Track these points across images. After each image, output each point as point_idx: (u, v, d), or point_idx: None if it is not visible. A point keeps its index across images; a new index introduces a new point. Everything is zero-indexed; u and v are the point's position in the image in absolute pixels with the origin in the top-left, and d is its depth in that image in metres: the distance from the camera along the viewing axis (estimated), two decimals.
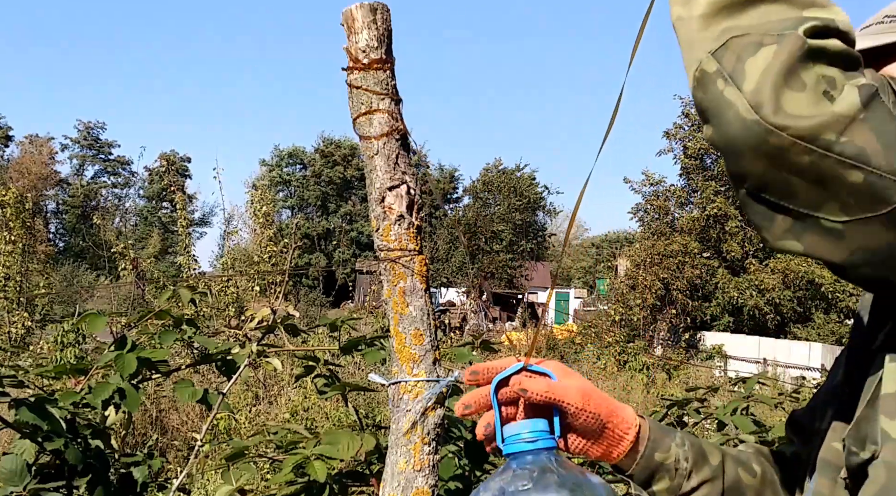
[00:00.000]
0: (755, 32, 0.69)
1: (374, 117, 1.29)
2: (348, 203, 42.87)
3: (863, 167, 0.66)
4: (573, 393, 0.94)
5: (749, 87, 0.67)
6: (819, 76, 0.67)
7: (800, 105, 0.66)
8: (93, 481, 1.74)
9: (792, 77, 0.67)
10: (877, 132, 0.66)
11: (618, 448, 0.99)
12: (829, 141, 0.65)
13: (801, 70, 0.67)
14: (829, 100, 0.66)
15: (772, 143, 0.67)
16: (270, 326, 2.02)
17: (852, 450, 0.81)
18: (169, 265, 26.16)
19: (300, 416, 6.55)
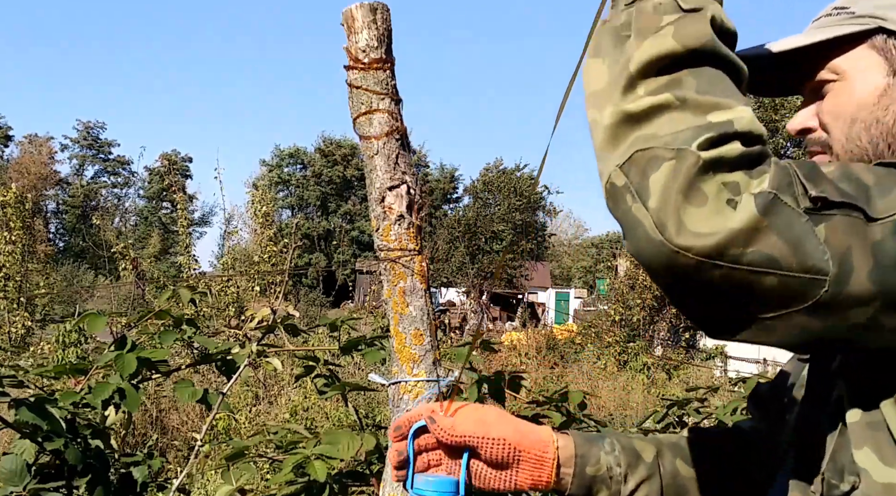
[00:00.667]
0: (657, 145, 0.69)
1: (374, 117, 1.29)
2: (348, 203, 42.86)
3: (775, 272, 0.66)
4: (470, 425, 0.94)
5: (653, 204, 0.67)
6: (720, 185, 0.67)
7: (702, 221, 0.66)
8: (93, 481, 1.74)
9: (692, 192, 0.67)
10: (782, 236, 0.66)
11: (543, 471, 0.98)
12: (735, 254, 0.66)
13: (701, 183, 0.67)
14: (733, 208, 0.66)
15: (680, 264, 0.67)
16: (270, 326, 2.02)
17: (832, 483, 0.81)
18: (169, 265, 26.17)
19: (300, 416, 6.55)
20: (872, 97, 0.87)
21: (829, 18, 0.92)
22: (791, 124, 0.96)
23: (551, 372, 11.36)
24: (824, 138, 0.92)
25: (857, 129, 0.88)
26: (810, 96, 0.94)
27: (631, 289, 18.55)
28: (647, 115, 0.70)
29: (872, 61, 0.88)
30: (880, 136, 0.87)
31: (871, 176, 0.71)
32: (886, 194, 0.69)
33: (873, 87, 0.87)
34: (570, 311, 30.24)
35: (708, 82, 0.71)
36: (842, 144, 0.90)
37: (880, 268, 0.67)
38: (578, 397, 2.12)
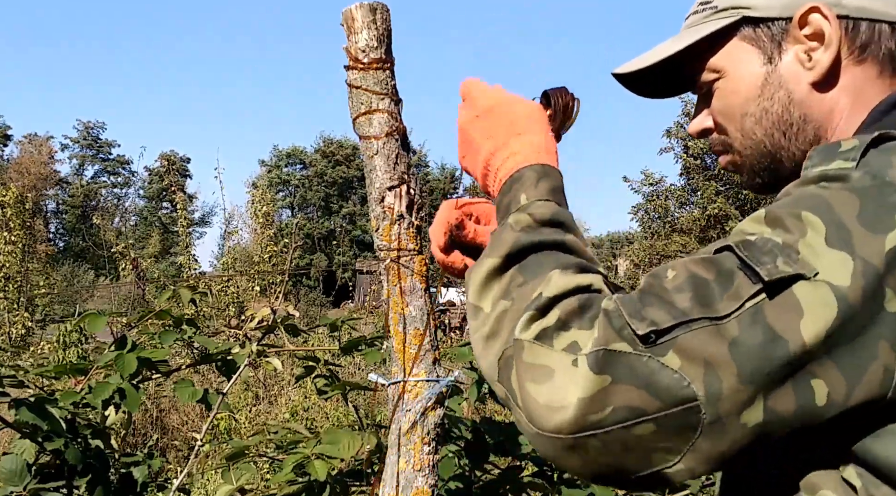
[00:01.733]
0: (506, 347, 0.72)
1: (374, 117, 1.29)
2: (349, 203, 42.88)
3: (645, 420, 0.64)
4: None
5: (519, 401, 0.69)
6: (560, 352, 0.67)
7: (553, 395, 0.66)
8: (93, 481, 1.74)
9: (534, 372, 0.68)
10: (631, 384, 0.65)
11: None
12: (598, 419, 0.64)
13: (537, 360, 0.68)
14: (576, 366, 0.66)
15: (563, 445, 0.66)
16: (270, 326, 2.02)
17: None
18: (169, 265, 26.16)
19: (300, 416, 6.55)
20: (755, 89, 0.86)
21: (696, 16, 0.91)
22: (690, 128, 0.95)
23: None
24: (723, 138, 0.91)
25: (749, 124, 0.87)
26: (702, 97, 0.94)
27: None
28: (496, 325, 0.75)
29: (747, 53, 0.87)
30: (773, 126, 0.86)
31: (711, 268, 0.67)
32: (729, 285, 0.66)
33: (754, 79, 0.86)
34: None
35: (529, 271, 0.75)
36: (739, 141, 0.89)
37: (745, 367, 0.63)
38: None
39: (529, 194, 0.83)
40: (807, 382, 0.64)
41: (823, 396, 0.64)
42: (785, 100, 0.85)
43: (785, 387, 0.64)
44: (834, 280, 0.64)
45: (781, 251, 0.66)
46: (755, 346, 0.64)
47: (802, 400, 0.64)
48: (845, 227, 0.65)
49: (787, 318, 0.64)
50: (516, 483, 1.91)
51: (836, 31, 0.82)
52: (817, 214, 0.66)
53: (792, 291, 0.64)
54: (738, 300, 0.65)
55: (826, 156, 0.73)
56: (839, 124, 0.84)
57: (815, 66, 0.83)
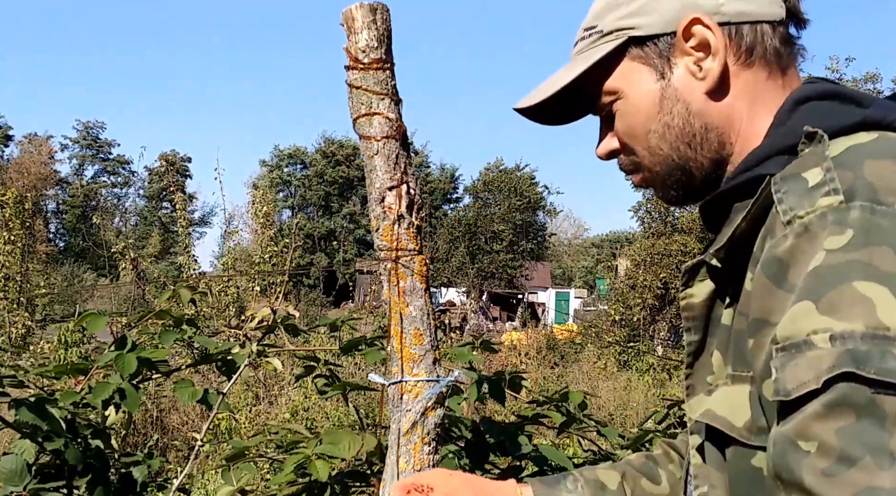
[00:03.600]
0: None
1: (374, 117, 1.29)
2: (349, 203, 42.87)
3: None
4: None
5: None
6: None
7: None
8: (93, 481, 1.74)
9: None
10: None
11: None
12: None
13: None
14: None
15: None
16: (270, 326, 2.02)
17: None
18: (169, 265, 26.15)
19: (300, 416, 6.55)
20: (654, 106, 0.87)
21: (584, 42, 0.91)
22: (597, 151, 0.96)
23: (551, 372, 11.36)
24: (632, 158, 0.92)
25: (654, 140, 0.88)
26: (604, 120, 0.94)
27: (631, 289, 18.54)
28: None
29: (639, 72, 0.87)
30: (677, 139, 0.87)
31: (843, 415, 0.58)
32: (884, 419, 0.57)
33: (650, 96, 0.87)
34: (570, 311, 30.24)
35: None
36: (648, 159, 0.90)
37: None
38: (579, 397, 2.12)
39: None
40: None
41: None
42: (683, 112, 0.86)
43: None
44: None
45: (880, 341, 0.58)
46: None
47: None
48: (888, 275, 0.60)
49: None
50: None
51: (721, 39, 0.83)
52: (871, 280, 0.61)
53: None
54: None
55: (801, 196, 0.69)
56: (741, 128, 0.85)
57: (706, 75, 0.84)
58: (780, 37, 0.85)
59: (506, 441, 1.91)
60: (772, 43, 0.84)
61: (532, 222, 30.92)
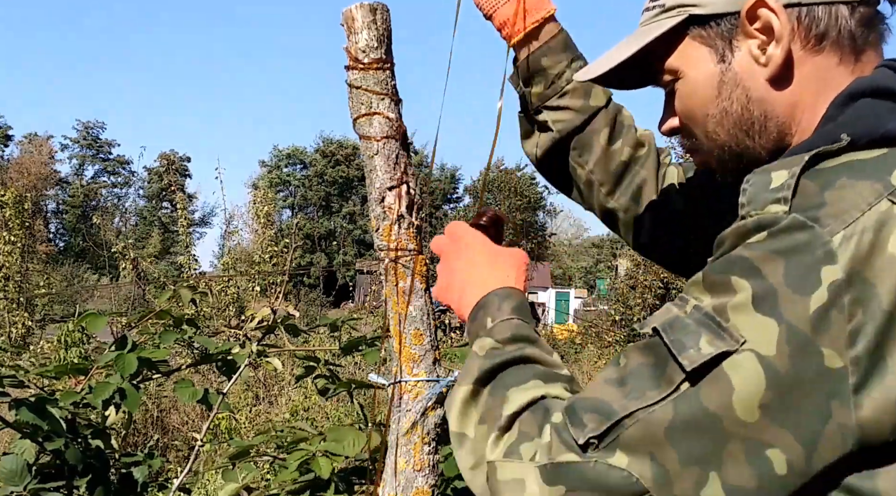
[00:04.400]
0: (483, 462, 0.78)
1: (374, 117, 1.29)
2: (349, 203, 42.87)
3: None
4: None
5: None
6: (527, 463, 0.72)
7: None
8: (93, 481, 1.74)
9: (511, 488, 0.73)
10: (584, 490, 0.68)
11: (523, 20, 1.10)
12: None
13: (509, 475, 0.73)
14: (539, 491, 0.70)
15: None
16: (270, 326, 2.02)
17: None
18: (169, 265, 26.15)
19: (300, 416, 6.55)
20: (712, 90, 0.83)
21: (647, 14, 0.88)
22: (660, 129, 0.94)
23: None
24: (693, 141, 0.89)
25: (711, 126, 0.85)
26: (668, 96, 0.91)
27: (632, 289, 18.56)
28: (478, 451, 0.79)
29: (699, 53, 0.83)
30: (735, 127, 0.83)
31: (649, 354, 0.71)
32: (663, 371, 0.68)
33: (709, 80, 0.83)
34: (571, 311, 30.24)
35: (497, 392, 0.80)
36: (705, 143, 0.87)
37: (684, 449, 0.66)
38: None
39: (494, 316, 0.88)
40: (761, 454, 0.65)
41: (783, 464, 0.64)
42: (743, 99, 0.82)
43: (736, 462, 0.65)
44: (761, 349, 0.64)
45: (710, 323, 0.67)
46: (691, 429, 0.65)
47: (760, 471, 0.65)
48: (772, 290, 0.65)
49: (718, 397, 0.65)
50: None
51: (787, 23, 0.78)
52: (746, 278, 0.67)
53: (722, 369, 0.65)
54: (671, 385, 0.67)
55: (759, 194, 0.71)
56: (802, 119, 0.81)
57: (768, 61, 0.80)
58: (859, 18, 0.79)
59: None
60: (847, 26, 0.78)
61: (532, 222, 30.92)
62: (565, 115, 1.15)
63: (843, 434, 0.64)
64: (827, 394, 0.63)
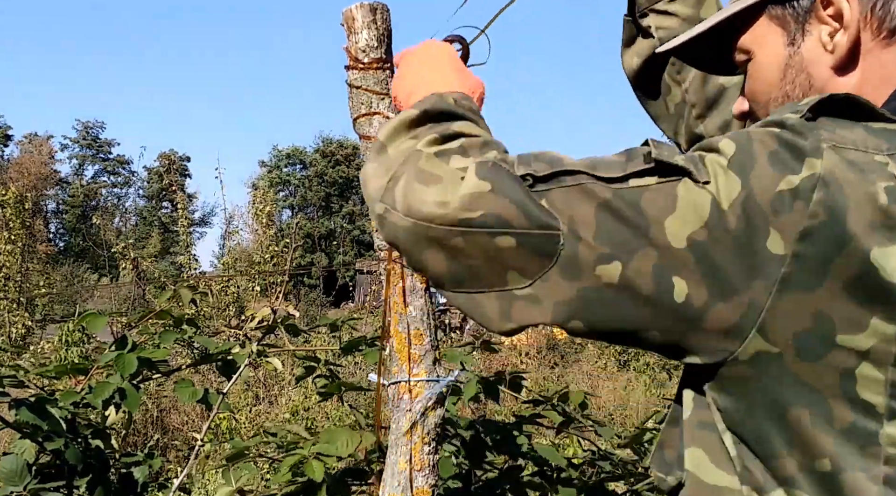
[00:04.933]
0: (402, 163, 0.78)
1: (374, 117, 1.29)
2: (349, 203, 42.88)
3: (508, 231, 0.68)
4: None
5: (399, 204, 0.75)
6: (451, 169, 0.73)
7: (438, 195, 0.71)
8: (93, 481, 1.74)
9: (426, 177, 0.73)
10: (506, 197, 0.69)
11: None
12: (468, 218, 0.69)
13: (431, 169, 0.74)
14: (462, 179, 0.71)
15: (429, 235, 0.72)
16: (270, 326, 2.02)
17: (659, 476, 0.82)
18: (169, 265, 26.14)
19: (301, 416, 6.55)
20: (778, 72, 0.82)
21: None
22: (733, 111, 0.92)
23: (552, 372, 11.35)
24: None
25: (773, 109, 0.83)
26: (745, 77, 0.90)
27: None
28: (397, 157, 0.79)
29: (772, 33, 0.82)
30: None
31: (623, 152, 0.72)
32: (625, 162, 0.70)
33: (777, 62, 0.82)
34: None
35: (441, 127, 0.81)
36: None
37: (603, 229, 0.67)
38: (579, 397, 2.12)
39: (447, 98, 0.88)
40: (668, 275, 0.66)
41: (682, 295, 0.66)
42: (805, 85, 0.80)
43: (644, 266, 0.67)
44: (718, 196, 0.66)
45: (688, 157, 0.69)
46: (619, 217, 0.67)
47: (660, 287, 0.67)
48: (752, 158, 0.66)
49: (658, 206, 0.67)
50: (516, 483, 1.91)
51: (857, 13, 0.77)
52: (734, 141, 0.68)
53: (675, 186, 0.67)
54: (623, 171, 0.68)
55: (785, 108, 0.73)
56: None
57: (835, 48, 0.78)
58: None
59: (504, 440, 1.91)
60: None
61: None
62: (672, 22, 1.10)
63: (750, 312, 0.65)
64: (753, 268, 0.65)
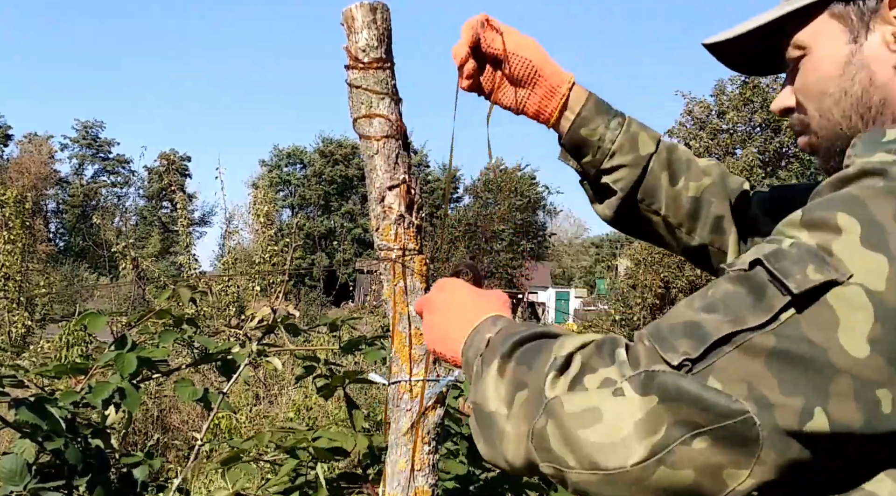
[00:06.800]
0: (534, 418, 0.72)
1: (374, 117, 1.29)
2: (349, 202, 42.85)
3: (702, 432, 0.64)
4: (509, 41, 1.09)
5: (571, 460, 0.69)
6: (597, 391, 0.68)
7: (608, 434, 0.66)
8: (93, 481, 1.74)
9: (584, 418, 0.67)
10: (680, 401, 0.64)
11: (551, 102, 1.12)
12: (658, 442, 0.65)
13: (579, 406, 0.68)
14: (621, 395, 0.66)
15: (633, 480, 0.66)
16: (270, 326, 2.02)
17: None
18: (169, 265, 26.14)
19: (302, 416, 6.55)
20: (838, 68, 0.83)
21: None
22: (773, 105, 0.94)
23: None
24: (802, 117, 0.89)
25: (827, 103, 0.84)
26: (789, 75, 0.91)
27: (632, 289, 18.54)
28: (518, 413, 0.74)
29: (833, 30, 0.84)
30: (851, 108, 0.83)
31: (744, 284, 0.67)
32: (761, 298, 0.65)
33: (837, 58, 0.83)
34: (571, 311, 30.25)
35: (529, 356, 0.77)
36: (817, 121, 0.87)
37: (787, 378, 0.63)
38: None
39: (490, 331, 0.86)
40: (870, 392, 0.62)
41: (889, 403, 0.62)
42: (866, 82, 0.81)
43: (843, 398, 0.62)
44: (869, 284, 0.62)
45: (814, 256, 0.64)
46: (794, 360, 0.63)
47: (868, 409, 0.62)
48: (881, 227, 0.63)
49: (824, 328, 0.62)
50: (515, 483, 1.91)
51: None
52: (852, 214, 0.65)
53: (826, 299, 0.63)
54: (770, 312, 0.64)
55: (869, 146, 0.72)
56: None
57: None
58: None
59: None
60: None
61: (532, 222, 30.93)
62: (622, 173, 1.15)
63: None
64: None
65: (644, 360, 0.67)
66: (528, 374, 0.75)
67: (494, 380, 0.78)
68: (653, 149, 1.15)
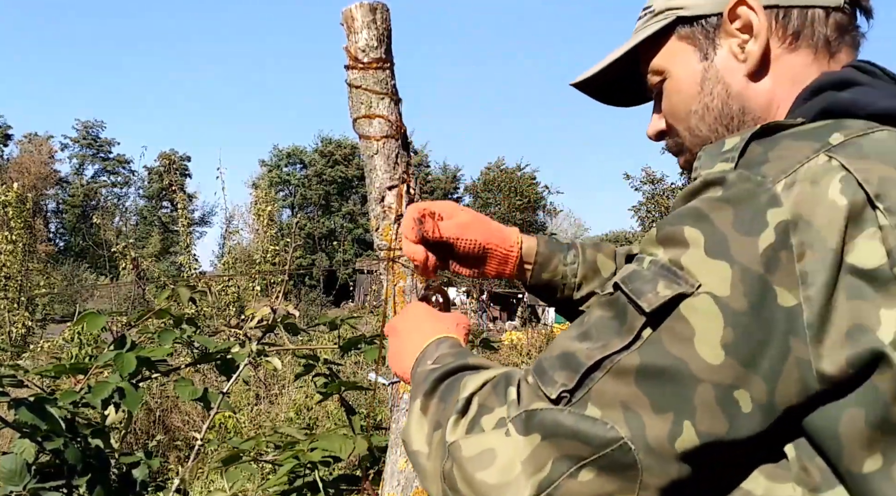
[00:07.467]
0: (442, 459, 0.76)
1: (374, 117, 1.29)
2: (349, 202, 42.86)
3: (585, 464, 0.66)
4: (451, 229, 1.12)
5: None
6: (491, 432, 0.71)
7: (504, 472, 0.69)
8: (92, 480, 1.74)
9: (481, 460, 0.70)
10: (560, 436, 0.67)
11: (507, 266, 1.16)
12: (545, 478, 0.67)
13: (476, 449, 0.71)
14: (507, 434, 0.70)
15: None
16: (270, 325, 2.02)
17: None
18: (169, 265, 26.14)
19: (302, 416, 6.54)
20: (695, 86, 0.88)
21: (640, 21, 0.94)
22: (647, 131, 0.98)
23: None
24: (676, 139, 0.93)
25: (694, 121, 0.89)
26: (656, 100, 0.96)
27: None
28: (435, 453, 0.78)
29: (685, 52, 0.88)
30: (716, 121, 0.87)
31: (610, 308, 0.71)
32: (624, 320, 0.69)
33: (693, 76, 0.88)
34: None
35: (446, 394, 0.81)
36: (689, 140, 0.91)
37: (656, 396, 0.65)
38: None
39: (432, 357, 0.91)
40: (729, 396, 0.65)
41: (748, 402, 0.65)
42: (723, 94, 0.86)
43: (707, 408, 0.65)
44: (716, 291, 0.65)
45: (666, 272, 0.68)
46: (660, 375, 0.66)
47: (730, 413, 0.65)
48: (722, 235, 0.66)
49: (681, 340, 0.66)
50: None
51: (765, 21, 0.83)
52: (696, 226, 0.68)
53: (679, 312, 0.66)
54: (632, 333, 0.67)
55: (711, 157, 0.74)
56: (776, 113, 0.85)
57: (747, 57, 0.84)
58: (833, 23, 0.84)
59: None
60: (821, 29, 0.84)
61: (532, 222, 30.92)
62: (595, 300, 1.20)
63: (803, 369, 0.64)
64: (783, 331, 0.64)
65: (525, 399, 0.71)
66: (443, 413, 0.79)
67: (418, 418, 0.82)
68: (613, 267, 1.21)
